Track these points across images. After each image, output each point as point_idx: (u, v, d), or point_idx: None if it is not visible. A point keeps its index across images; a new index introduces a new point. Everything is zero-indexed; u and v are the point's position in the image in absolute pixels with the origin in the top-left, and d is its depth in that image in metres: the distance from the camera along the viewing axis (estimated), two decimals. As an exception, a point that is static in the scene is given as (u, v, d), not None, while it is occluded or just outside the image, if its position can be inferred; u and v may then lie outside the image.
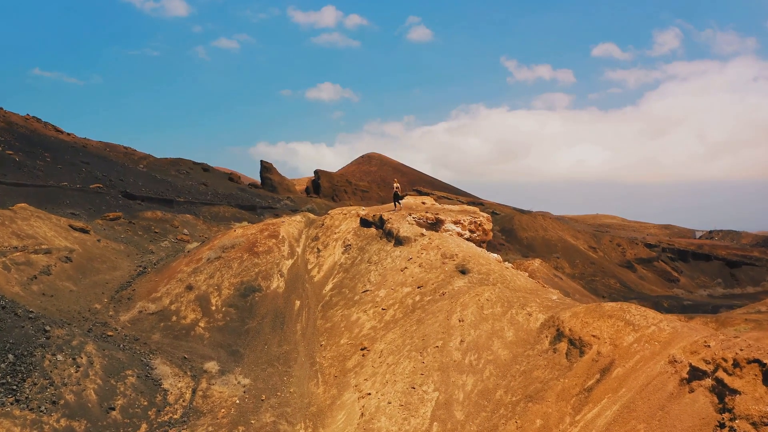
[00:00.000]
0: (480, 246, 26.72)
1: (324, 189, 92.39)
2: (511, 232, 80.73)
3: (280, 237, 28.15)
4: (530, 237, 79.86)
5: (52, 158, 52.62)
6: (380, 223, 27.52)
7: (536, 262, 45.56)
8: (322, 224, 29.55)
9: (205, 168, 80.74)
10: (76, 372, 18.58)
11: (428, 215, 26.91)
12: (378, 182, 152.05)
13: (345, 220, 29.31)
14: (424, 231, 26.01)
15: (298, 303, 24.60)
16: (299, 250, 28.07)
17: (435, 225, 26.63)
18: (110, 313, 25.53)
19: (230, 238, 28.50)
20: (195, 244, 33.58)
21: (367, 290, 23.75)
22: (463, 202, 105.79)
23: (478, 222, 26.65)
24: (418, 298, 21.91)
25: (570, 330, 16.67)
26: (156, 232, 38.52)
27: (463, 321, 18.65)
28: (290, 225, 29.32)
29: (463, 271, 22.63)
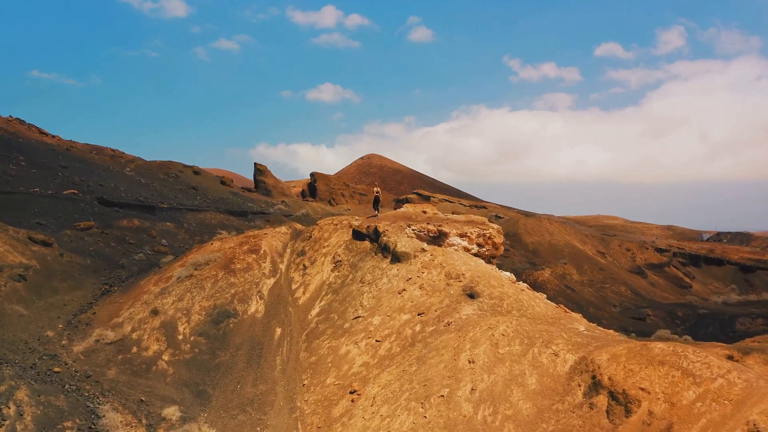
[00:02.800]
0: (489, 262, 23.30)
1: (320, 192, 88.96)
2: (515, 237, 77.18)
3: (262, 252, 24.74)
4: (536, 242, 76.28)
5: (28, 162, 49.24)
6: (375, 236, 24.11)
7: (546, 273, 42.12)
8: (310, 236, 26.13)
9: (196, 171, 77.33)
10: (0, 427, 15.21)
11: (430, 227, 23.49)
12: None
13: (335, 231, 25.89)
14: (425, 245, 22.61)
15: (279, 331, 21.18)
16: (283, 266, 24.65)
17: (438, 238, 23.21)
18: (63, 342, 22.13)
19: (205, 253, 25.09)
20: (170, 258, 30.20)
21: (358, 316, 20.34)
22: (464, 205, 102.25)
23: (488, 235, 23.21)
24: (418, 327, 18.49)
25: (610, 379, 13.24)
26: (131, 243, 35.09)
27: (473, 362, 15.22)
28: (274, 237, 25.91)
29: (472, 295, 19.21)
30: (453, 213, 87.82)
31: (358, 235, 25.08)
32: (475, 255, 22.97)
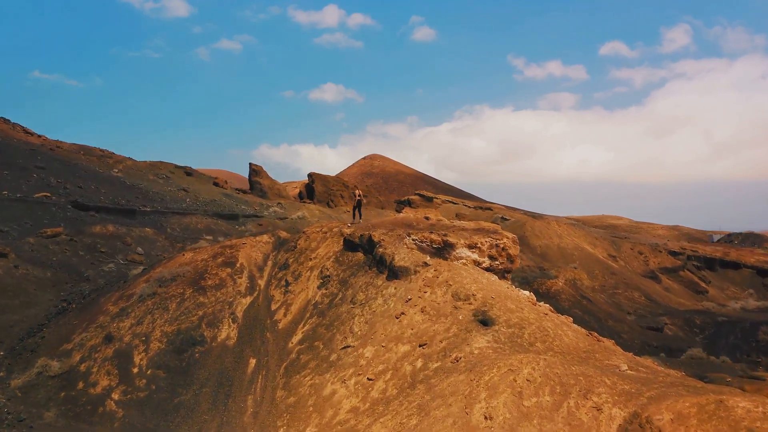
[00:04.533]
0: (503, 278, 19.85)
1: (318, 193, 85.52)
2: (522, 240, 73.58)
3: (238, 265, 21.34)
4: (544, 245, 72.73)
5: (1, 162, 45.99)
6: (369, 247, 20.70)
7: (560, 282, 38.63)
8: (295, 246, 22.72)
9: (188, 171, 74.05)
10: None
11: (433, 236, 20.05)
12: (379, 186, 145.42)
13: (324, 241, 22.48)
14: (428, 259, 19.18)
15: (253, 362, 17.76)
16: (262, 282, 21.24)
17: (442, 250, 19.76)
18: (1, 374, 18.75)
19: (172, 267, 21.71)
20: (140, 270, 26.82)
21: (348, 346, 16.91)
22: (469, 206, 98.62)
23: (501, 245, 19.76)
24: (420, 363, 15.05)
25: (679, 452, 9.77)
26: (102, 252, 31.75)
27: (491, 419, 11.76)
28: (253, 248, 22.51)
29: (485, 322, 15.75)
30: (457, 215, 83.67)
31: (350, 245, 21.66)
32: (487, 269, 19.52)
